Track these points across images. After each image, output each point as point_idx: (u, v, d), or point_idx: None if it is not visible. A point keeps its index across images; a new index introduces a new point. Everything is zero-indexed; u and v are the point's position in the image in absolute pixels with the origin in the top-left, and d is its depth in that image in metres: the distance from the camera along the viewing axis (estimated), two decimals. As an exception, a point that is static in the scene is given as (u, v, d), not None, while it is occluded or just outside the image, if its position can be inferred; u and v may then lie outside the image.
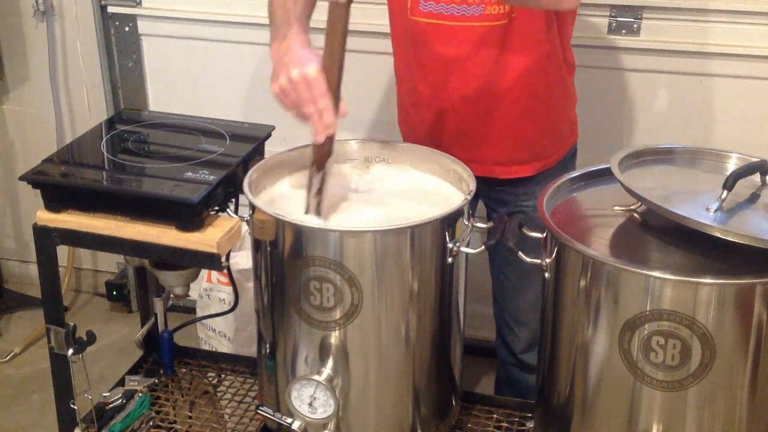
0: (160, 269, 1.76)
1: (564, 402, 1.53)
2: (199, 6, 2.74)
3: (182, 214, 1.55)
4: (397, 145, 1.78)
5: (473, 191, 1.57)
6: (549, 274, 1.51)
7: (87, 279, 3.32)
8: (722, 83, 2.42)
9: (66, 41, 2.92)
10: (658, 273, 1.34)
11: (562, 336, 1.51)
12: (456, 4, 1.80)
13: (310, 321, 1.51)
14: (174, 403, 1.87)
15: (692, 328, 1.33)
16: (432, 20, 1.82)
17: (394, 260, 1.49)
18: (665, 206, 1.40)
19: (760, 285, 1.33)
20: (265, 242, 1.52)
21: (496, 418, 1.77)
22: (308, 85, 1.49)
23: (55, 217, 1.61)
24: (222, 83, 2.80)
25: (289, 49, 1.54)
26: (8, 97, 3.09)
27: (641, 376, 1.38)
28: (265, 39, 1.69)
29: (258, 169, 1.65)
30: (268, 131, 1.82)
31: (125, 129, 1.84)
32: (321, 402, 1.54)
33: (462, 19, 1.81)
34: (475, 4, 1.79)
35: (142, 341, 1.97)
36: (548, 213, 1.52)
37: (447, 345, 1.63)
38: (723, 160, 1.61)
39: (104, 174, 1.67)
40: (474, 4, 1.79)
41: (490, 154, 1.94)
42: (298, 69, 1.49)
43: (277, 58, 1.57)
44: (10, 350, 2.97)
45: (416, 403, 1.60)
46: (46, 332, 1.68)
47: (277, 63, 1.56)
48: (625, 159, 1.58)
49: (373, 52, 2.62)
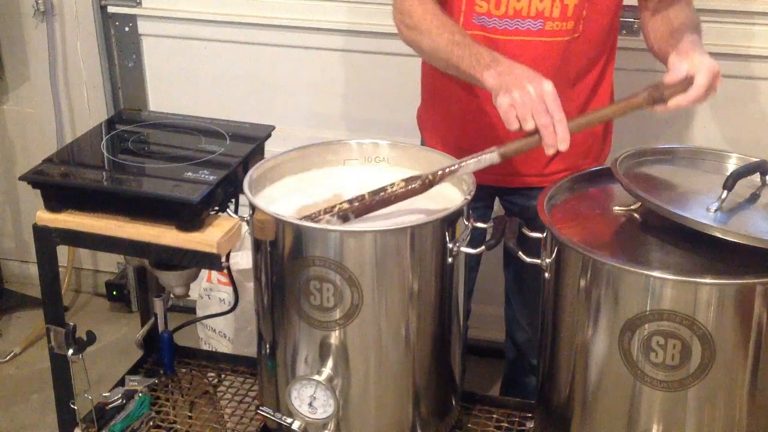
0: (160, 269, 1.76)
1: (564, 402, 1.53)
2: (199, 6, 2.74)
3: (182, 214, 1.55)
4: (398, 145, 1.78)
5: (473, 191, 1.57)
6: (549, 274, 1.51)
7: (87, 279, 3.32)
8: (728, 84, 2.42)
9: (66, 41, 2.92)
10: (658, 273, 1.34)
11: (562, 336, 1.51)
12: (510, 19, 1.75)
13: (310, 321, 1.51)
14: (174, 403, 1.87)
15: (692, 328, 1.33)
16: (485, 34, 1.78)
17: (394, 260, 1.49)
18: (665, 206, 1.40)
19: (760, 285, 1.33)
20: (265, 242, 1.52)
21: (496, 418, 1.77)
22: (544, 99, 1.49)
23: (55, 217, 1.61)
24: (222, 83, 2.80)
25: (514, 69, 1.56)
26: (8, 97, 3.08)
27: (641, 376, 1.38)
28: (265, 39, 1.70)
29: (258, 169, 1.65)
30: (268, 131, 1.82)
31: (125, 129, 1.84)
32: (321, 402, 1.54)
33: (516, 33, 1.77)
34: (531, 18, 1.75)
35: (142, 341, 1.97)
36: (548, 213, 1.52)
37: (447, 345, 1.63)
38: (722, 160, 1.61)
39: (104, 174, 1.67)
40: (529, 18, 1.75)
41: (534, 168, 1.91)
42: (534, 84, 1.49)
43: (501, 78, 1.55)
44: (10, 350, 2.97)
45: (416, 403, 1.60)
46: (46, 332, 1.68)
47: (505, 81, 1.54)
48: (625, 159, 1.58)
49: (374, 52, 2.62)
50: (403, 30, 1.78)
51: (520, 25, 1.76)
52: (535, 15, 1.75)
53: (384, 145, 1.77)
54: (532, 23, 1.75)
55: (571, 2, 1.74)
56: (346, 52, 2.66)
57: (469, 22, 1.79)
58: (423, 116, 2.06)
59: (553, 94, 1.49)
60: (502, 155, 1.53)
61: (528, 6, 1.74)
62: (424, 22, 1.71)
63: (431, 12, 1.72)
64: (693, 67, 1.51)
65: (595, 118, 1.58)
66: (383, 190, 1.54)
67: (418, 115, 2.08)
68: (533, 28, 1.75)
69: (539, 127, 1.49)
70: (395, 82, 2.62)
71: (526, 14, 1.75)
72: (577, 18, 1.76)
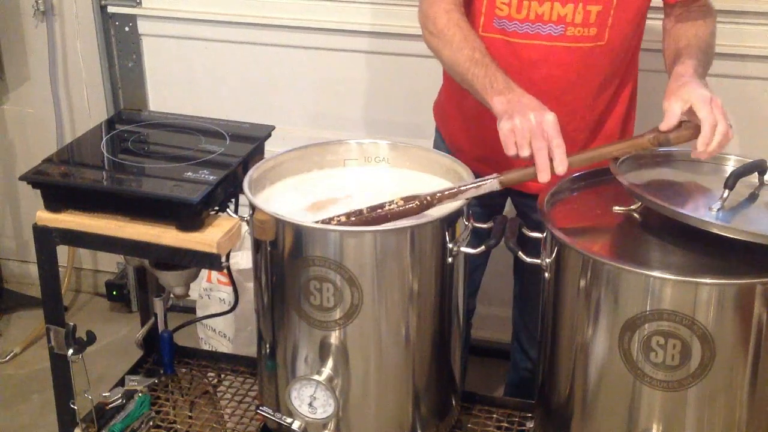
0: (160, 269, 1.76)
1: (564, 402, 1.53)
2: (199, 6, 2.74)
3: (182, 214, 1.55)
4: (398, 145, 1.78)
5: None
6: (549, 274, 1.51)
7: (87, 279, 3.32)
8: (722, 83, 2.42)
9: (66, 41, 2.92)
10: (658, 273, 1.34)
11: (562, 336, 1.51)
12: (531, 23, 1.74)
13: (310, 321, 1.51)
14: (174, 403, 1.87)
15: (692, 328, 1.33)
16: (505, 37, 1.77)
17: (394, 260, 1.49)
18: (668, 205, 1.40)
19: (760, 285, 1.33)
20: (265, 242, 1.52)
21: (496, 418, 1.77)
22: (543, 126, 1.51)
23: (55, 217, 1.61)
24: (222, 83, 2.80)
25: (523, 99, 1.58)
26: (8, 97, 3.08)
27: (641, 376, 1.38)
28: (265, 39, 1.70)
29: (258, 169, 1.65)
30: (268, 131, 1.82)
31: (125, 129, 1.84)
32: (321, 402, 1.54)
33: (537, 38, 1.75)
34: (553, 23, 1.73)
35: (142, 341, 1.97)
36: (548, 213, 1.52)
37: (447, 345, 1.63)
38: (721, 161, 1.61)
39: (104, 174, 1.67)
40: (551, 22, 1.73)
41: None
42: (536, 113, 1.52)
43: (509, 105, 1.57)
44: (10, 350, 2.96)
45: (416, 403, 1.61)
46: (46, 332, 1.68)
47: (510, 108, 1.56)
48: (626, 160, 1.58)
49: (375, 52, 2.62)
50: (426, 35, 1.78)
51: (541, 30, 1.74)
52: (557, 20, 1.73)
53: (384, 145, 1.77)
54: (553, 28, 1.74)
55: (594, 8, 1.72)
56: (346, 52, 2.66)
57: (489, 26, 1.78)
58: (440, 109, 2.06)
59: (554, 122, 1.51)
60: (502, 183, 1.55)
61: (550, 11, 1.72)
62: (448, 32, 1.71)
63: (455, 23, 1.72)
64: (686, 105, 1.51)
65: (598, 155, 1.58)
66: (381, 207, 1.55)
67: (435, 107, 2.08)
68: (555, 33, 1.74)
69: (534, 150, 1.50)
70: (395, 82, 2.62)
71: (548, 19, 1.73)
72: (600, 25, 1.74)
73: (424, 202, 1.54)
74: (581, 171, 1.62)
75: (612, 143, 1.60)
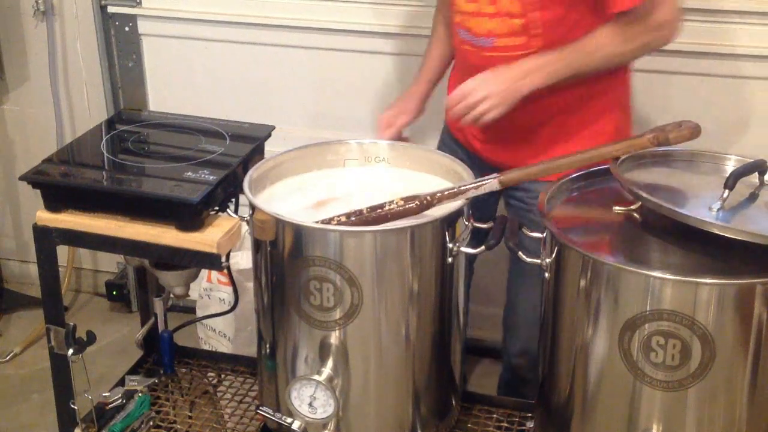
0: (160, 269, 1.76)
1: (564, 402, 1.53)
2: (199, 6, 2.74)
3: (182, 214, 1.55)
4: (398, 145, 1.78)
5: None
6: (549, 274, 1.51)
7: (87, 279, 3.32)
8: (722, 83, 2.42)
9: (66, 41, 2.92)
10: (658, 273, 1.34)
11: (562, 336, 1.51)
12: (470, 34, 1.84)
13: (310, 321, 1.51)
14: (174, 403, 1.87)
15: (692, 328, 1.33)
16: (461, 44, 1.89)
17: (394, 260, 1.49)
18: (668, 205, 1.40)
19: (760, 285, 1.33)
20: (265, 242, 1.52)
21: (496, 418, 1.77)
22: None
23: (55, 217, 1.61)
24: (222, 83, 2.80)
25: None
26: (8, 97, 3.08)
27: (641, 376, 1.38)
28: (265, 39, 1.70)
29: (258, 169, 1.65)
30: (268, 131, 1.82)
31: (125, 129, 1.84)
32: (321, 402, 1.54)
33: (475, 47, 1.85)
34: (483, 36, 1.82)
35: (142, 341, 1.97)
36: (548, 213, 1.52)
37: (447, 345, 1.63)
38: (721, 161, 1.61)
39: (104, 174, 1.67)
40: (482, 36, 1.82)
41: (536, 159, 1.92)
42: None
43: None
44: (10, 350, 2.96)
45: (416, 403, 1.61)
46: (46, 332, 1.68)
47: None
48: (625, 160, 1.58)
49: (375, 52, 2.62)
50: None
51: (475, 41, 1.85)
52: (486, 33, 1.82)
53: (384, 145, 1.78)
54: (484, 40, 1.83)
55: (518, 21, 1.78)
56: (345, 52, 2.66)
57: (457, 38, 1.91)
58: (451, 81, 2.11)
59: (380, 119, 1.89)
60: (502, 182, 1.58)
61: (478, 25, 1.83)
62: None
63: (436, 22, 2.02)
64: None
65: (598, 155, 1.59)
66: (381, 207, 1.55)
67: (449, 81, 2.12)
68: (486, 45, 1.84)
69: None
70: (395, 82, 2.62)
71: (478, 32, 1.83)
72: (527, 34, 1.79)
73: (424, 202, 1.55)
74: (581, 171, 1.62)
75: (612, 143, 1.61)
